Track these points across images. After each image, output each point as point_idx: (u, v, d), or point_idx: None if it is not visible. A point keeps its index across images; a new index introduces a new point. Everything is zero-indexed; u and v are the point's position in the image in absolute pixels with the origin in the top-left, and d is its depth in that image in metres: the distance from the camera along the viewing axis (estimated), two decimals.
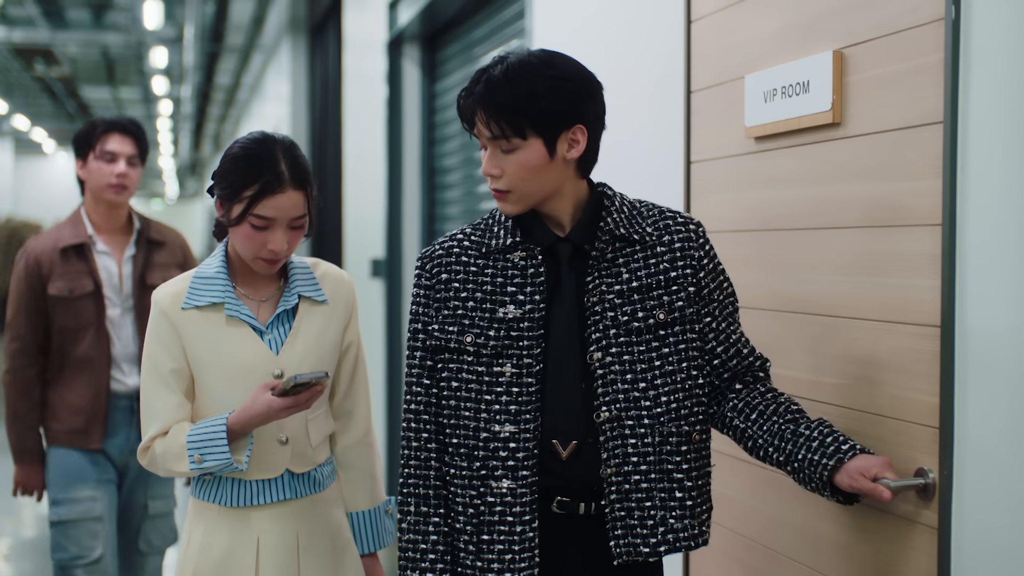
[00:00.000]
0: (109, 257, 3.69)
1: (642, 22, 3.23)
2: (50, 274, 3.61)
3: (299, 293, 2.38)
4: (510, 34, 5.10)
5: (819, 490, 2.06)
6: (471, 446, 2.10)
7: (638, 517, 2.07)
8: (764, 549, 2.57)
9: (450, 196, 6.29)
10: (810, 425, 2.10)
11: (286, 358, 2.33)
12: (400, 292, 6.73)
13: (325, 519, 2.41)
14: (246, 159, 2.28)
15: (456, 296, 2.12)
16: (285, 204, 2.27)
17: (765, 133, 2.52)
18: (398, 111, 6.64)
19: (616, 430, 2.07)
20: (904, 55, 2.11)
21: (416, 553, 2.12)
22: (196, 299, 2.32)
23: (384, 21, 6.64)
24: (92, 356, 3.61)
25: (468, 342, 2.10)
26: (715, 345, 2.16)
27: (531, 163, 2.04)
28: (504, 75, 2.02)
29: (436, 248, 2.17)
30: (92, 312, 3.61)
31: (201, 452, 2.24)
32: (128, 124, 3.73)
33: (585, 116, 2.06)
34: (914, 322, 2.09)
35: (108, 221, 3.73)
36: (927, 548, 2.05)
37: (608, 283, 2.10)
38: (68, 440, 3.63)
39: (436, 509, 2.13)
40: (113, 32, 16.23)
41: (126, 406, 3.65)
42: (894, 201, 2.14)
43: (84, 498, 3.60)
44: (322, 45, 9.49)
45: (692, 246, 2.14)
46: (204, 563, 2.33)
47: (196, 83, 18.01)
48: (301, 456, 2.35)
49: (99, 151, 3.68)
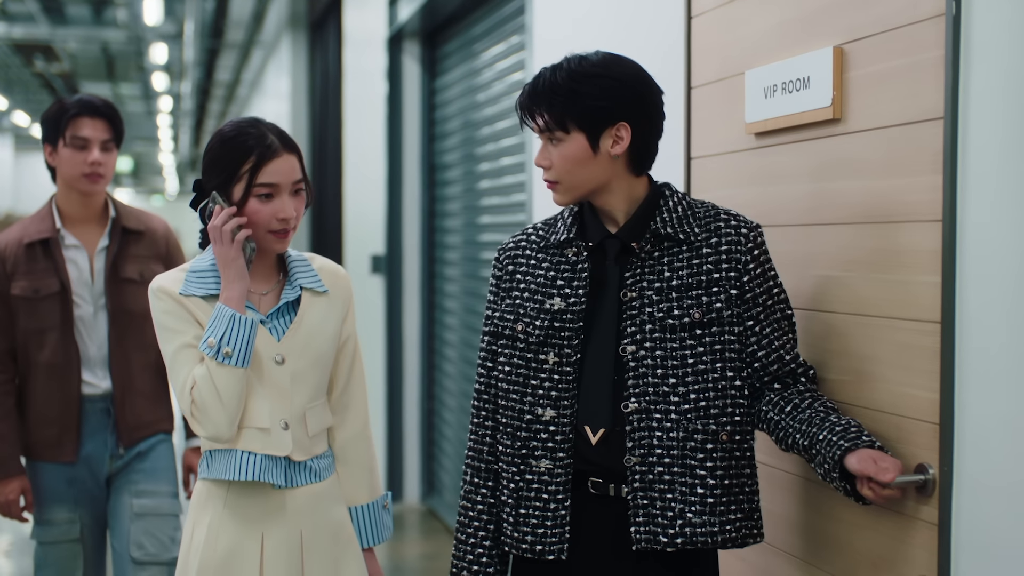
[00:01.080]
0: (79, 251, 3.35)
1: (642, 18, 3.23)
2: (14, 272, 3.31)
3: (301, 285, 2.38)
4: (510, 30, 5.09)
5: (829, 472, 2.06)
6: (516, 426, 2.24)
7: (659, 507, 2.13)
8: (764, 545, 2.57)
9: (450, 192, 6.29)
10: (841, 417, 2.13)
11: (288, 344, 2.34)
12: (400, 288, 6.73)
13: (328, 516, 2.41)
14: (234, 138, 2.31)
15: (516, 287, 2.28)
16: (284, 168, 2.31)
17: (765, 129, 2.52)
18: (398, 107, 6.64)
19: (643, 421, 2.14)
20: (904, 51, 2.11)
21: (464, 519, 2.34)
22: (193, 289, 2.32)
23: (384, 17, 6.64)
24: (58, 362, 3.30)
25: (519, 330, 2.24)
26: (756, 349, 2.18)
27: (575, 156, 2.15)
28: (554, 72, 2.16)
29: (509, 242, 2.34)
30: (57, 314, 3.30)
31: (208, 336, 2.25)
32: (101, 105, 3.37)
33: (630, 115, 2.14)
34: (914, 318, 2.09)
35: (81, 211, 3.38)
36: (927, 544, 2.05)
37: (649, 280, 2.17)
38: (40, 453, 3.34)
39: (485, 481, 2.32)
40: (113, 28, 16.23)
41: (102, 408, 3.35)
42: (894, 197, 2.14)
43: (61, 520, 3.35)
44: (322, 41, 9.49)
45: (740, 249, 2.17)
46: (208, 559, 2.32)
47: (196, 79, 18.02)
48: (299, 443, 2.35)
49: (69, 137, 3.32)
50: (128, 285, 3.36)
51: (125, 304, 3.34)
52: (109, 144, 3.36)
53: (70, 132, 3.31)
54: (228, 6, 12.88)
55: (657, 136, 2.21)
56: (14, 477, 3.33)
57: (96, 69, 20.55)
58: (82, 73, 20.90)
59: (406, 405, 6.75)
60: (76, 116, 3.32)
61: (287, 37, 10.67)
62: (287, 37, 10.67)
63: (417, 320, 6.72)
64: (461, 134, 6.01)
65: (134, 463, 3.38)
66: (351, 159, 7.96)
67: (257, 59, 14.70)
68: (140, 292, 3.18)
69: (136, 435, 3.38)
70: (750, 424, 2.20)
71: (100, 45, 17.71)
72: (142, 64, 19.13)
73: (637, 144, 2.16)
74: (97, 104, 3.36)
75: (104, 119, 3.35)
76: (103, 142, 3.34)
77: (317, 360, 2.38)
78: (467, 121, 5.88)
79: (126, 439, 3.35)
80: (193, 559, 2.35)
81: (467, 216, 5.94)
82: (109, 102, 3.41)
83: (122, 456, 3.37)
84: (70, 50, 18.21)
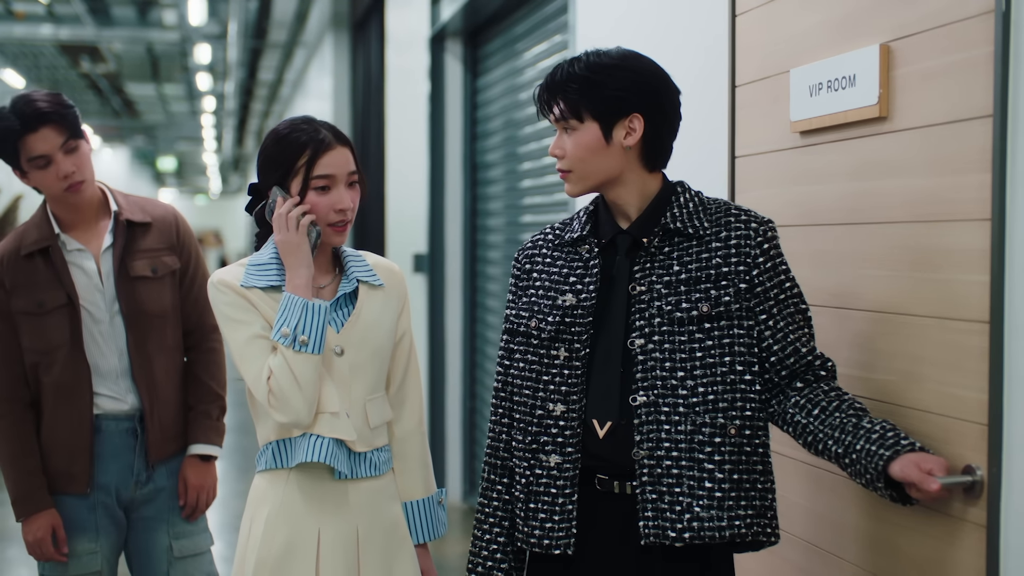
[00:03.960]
0: (84, 255, 3.03)
1: (685, 16, 3.22)
2: (14, 287, 2.99)
3: (357, 278, 2.41)
4: (553, 29, 5.09)
5: (873, 482, 2.05)
6: (527, 422, 2.27)
7: (668, 502, 2.13)
8: (808, 546, 2.56)
9: (492, 191, 6.30)
10: (873, 420, 2.11)
11: (347, 336, 2.37)
12: (442, 287, 6.74)
13: (384, 513, 2.43)
14: (288, 135, 2.36)
15: (532, 285, 2.31)
16: (339, 160, 2.36)
17: (811, 127, 2.51)
18: (440, 107, 6.65)
19: (651, 415, 2.15)
20: (953, 48, 2.09)
21: (481, 514, 2.37)
22: (254, 281, 2.35)
23: (426, 17, 6.65)
24: (68, 382, 2.98)
25: (532, 326, 2.27)
26: (771, 343, 2.17)
27: (587, 144, 2.18)
28: (572, 64, 2.19)
29: (528, 242, 2.38)
30: (65, 330, 2.98)
31: (282, 325, 2.26)
32: (43, 111, 2.89)
33: (644, 107, 2.16)
34: (963, 318, 2.07)
35: (77, 215, 3.04)
36: (975, 546, 2.03)
37: (659, 274, 2.18)
38: (54, 484, 3.01)
39: (501, 477, 2.35)
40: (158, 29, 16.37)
41: (127, 428, 3.04)
42: (942, 196, 2.12)
43: (83, 551, 3.03)
44: (364, 41, 9.53)
45: (749, 243, 2.16)
46: (266, 554, 2.34)
47: (239, 79, 18.11)
48: (360, 434, 2.37)
49: (26, 161, 2.93)
50: (140, 283, 3.04)
51: (141, 305, 3.04)
52: (69, 144, 2.93)
53: (24, 155, 2.92)
54: (271, 7, 12.95)
55: (672, 133, 2.23)
56: (41, 512, 2.99)
57: (141, 70, 20.74)
58: (127, 74, 21.10)
59: (448, 404, 6.76)
60: (21, 137, 2.90)
61: (330, 37, 10.72)
62: (330, 37, 10.72)
63: (459, 319, 6.73)
64: (503, 133, 6.01)
65: (164, 491, 3.10)
66: (393, 158, 7.99)
67: (300, 59, 14.79)
68: (155, 289, 3.06)
69: (165, 450, 3.09)
70: (762, 420, 2.19)
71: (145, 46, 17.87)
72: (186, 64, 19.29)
73: (650, 137, 2.19)
74: (38, 111, 2.90)
75: (50, 124, 2.90)
76: (62, 147, 2.92)
77: (375, 353, 2.41)
78: (509, 120, 5.89)
79: (155, 454, 3.06)
80: (251, 555, 2.37)
81: (509, 215, 5.94)
82: (50, 98, 2.94)
83: (148, 481, 3.08)
84: (116, 51, 18.39)
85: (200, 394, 3.17)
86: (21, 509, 3.00)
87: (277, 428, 2.35)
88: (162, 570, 3.09)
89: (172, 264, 3.11)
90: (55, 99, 2.95)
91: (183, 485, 3.13)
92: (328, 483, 2.36)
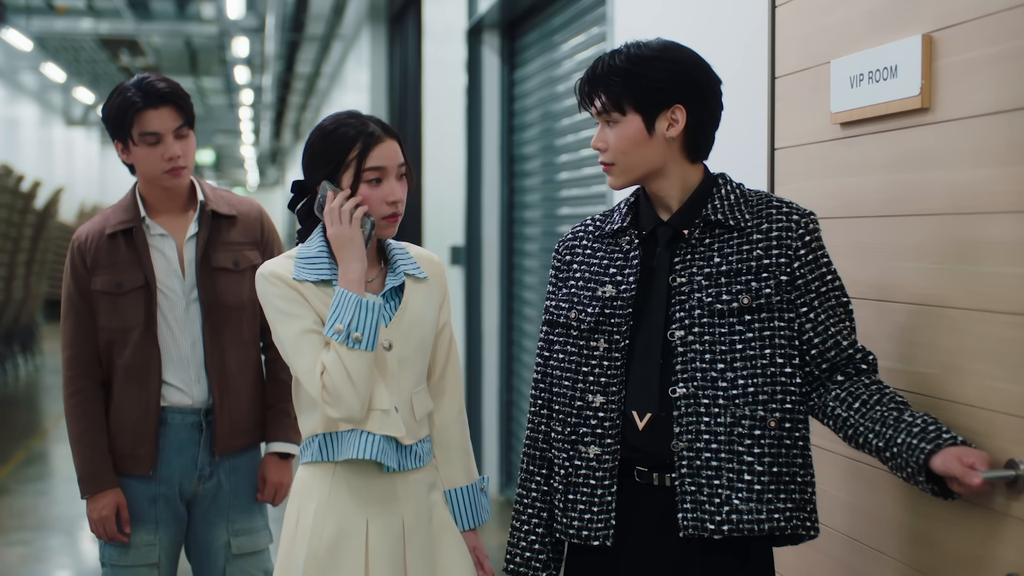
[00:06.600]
0: (167, 240, 3.06)
1: (725, 7, 3.20)
2: (95, 266, 3.03)
3: (404, 272, 2.42)
4: (591, 21, 5.08)
5: (914, 475, 2.03)
6: (567, 413, 2.27)
7: (707, 494, 2.13)
8: (848, 540, 2.54)
9: (529, 184, 6.30)
10: (914, 414, 2.10)
11: (394, 330, 2.38)
12: (479, 280, 6.75)
13: (426, 502, 2.45)
14: (336, 130, 2.37)
15: (572, 276, 2.31)
16: (389, 152, 2.38)
17: (851, 119, 2.49)
18: (478, 99, 6.65)
19: (691, 407, 2.15)
20: (996, 38, 2.07)
21: (520, 505, 2.38)
22: (305, 275, 2.35)
23: (464, 9, 6.66)
24: (138, 363, 3.02)
25: (572, 318, 2.27)
26: (812, 336, 2.17)
27: (630, 136, 2.18)
28: (613, 56, 2.19)
29: (568, 233, 2.37)
30: (141, 311, 3.01)
31: (335, 322, 2.27)
32: (165, 91, 2.98)
33: (686, 97, 2.16)
34: (1005, 310, 2.05)
35: (166, 200, 3.07)
36: (1018, 541, 2.02)
37: (699, 265, 2.18)
38: (118, 465, 3.04)
39: (540, 468, 2.36)
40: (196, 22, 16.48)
41: (193, 423, 3.05)
42: (985, 188, 2.10)
43: (140, 543, 3.04)
44: (401, 34, 9.54)
45: (790, 235, 2.16)
46: (316, 546, 2.35)
47: (277, 72, 18.20)
48: (408, 427, 2.39)
49: (138, 135, 2.98)
50: (221, 275, 3.06)
51: (219, 296, 3.05)
52: (182, 130, 3.01)
53: (137, 129, 2.98)
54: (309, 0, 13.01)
55: (714, 124, 2.23)
56: (107, 491, 3.02)
57: (180, 63, 20.89)
58: (166, 67, 21.25)
59: (485, 397, 6.78)
60: (140, 111, 2.96)
61: (367, 30, 10.75)
62: (367, 30, 10.75)
63: (496, 312, 6.74)
64: (540, 125, 6.01)
65: (225, 487, 3.10)
66: (430, 151, 8.00)
67: (337, 52, 14.84)
68: (234, 282, 3.07)
69: (232, 443, 3.08)
70: (803, 413, 2.18)
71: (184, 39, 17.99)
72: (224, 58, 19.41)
73: (692, 128, 2.18)
74: (160, 91, 2.98)
75: (170, 105, 2.99)
76: (176, 130, 2.99)
77: (420, 345, 2.43)
78: (547, 112, 5.88)
79: (222, 447, 3.06)
80: (300, 547, 2.37)
81: (546, 208, 5.94)
82: (172, 83, 3.04)
83: (211, 476, 3.08)
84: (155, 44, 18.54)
85: (279, 393, 3.16)
86: (87, 486, 3.03)
87: (324, 421, 2.36)
88: (219, 566, 3.11)
89: (254, 259, 3.10)
90: (177, 86, 3.04)
91: (262, 481, 3.16)
92: (375, 476, 2.38)
